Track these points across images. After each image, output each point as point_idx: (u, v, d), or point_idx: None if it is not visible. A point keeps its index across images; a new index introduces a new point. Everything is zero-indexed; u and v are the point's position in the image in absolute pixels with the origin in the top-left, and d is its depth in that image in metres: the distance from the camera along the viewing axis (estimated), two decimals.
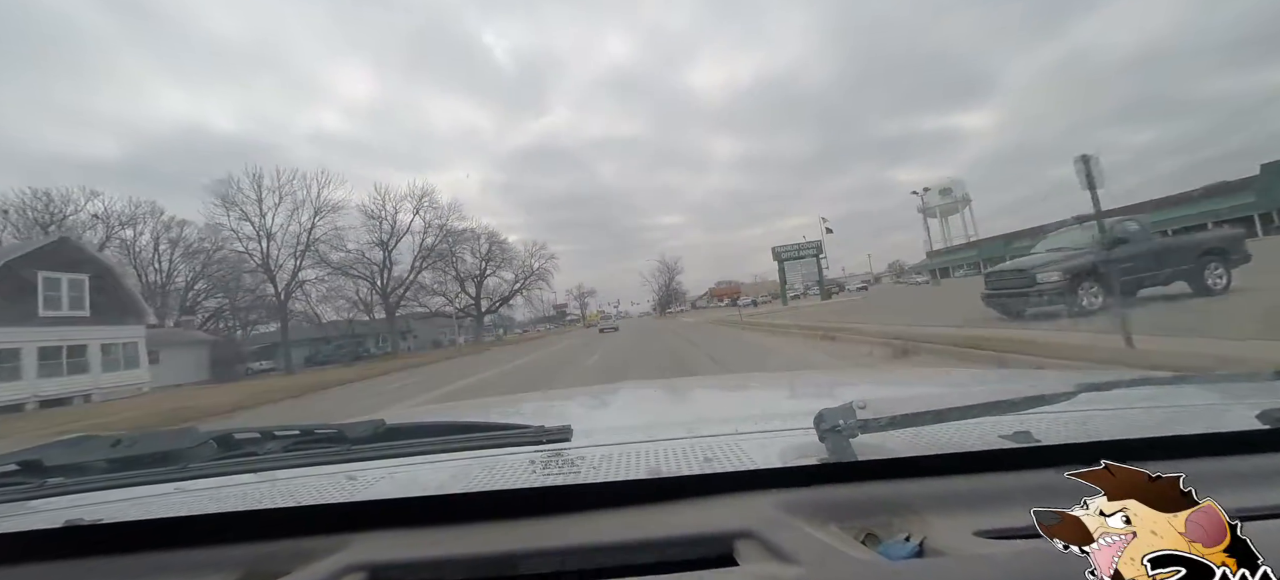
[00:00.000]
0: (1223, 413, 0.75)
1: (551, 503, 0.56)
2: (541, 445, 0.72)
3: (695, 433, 0.78)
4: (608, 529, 0.52)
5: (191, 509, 0.61)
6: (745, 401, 1.46)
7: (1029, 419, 0.65)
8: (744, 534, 0.49)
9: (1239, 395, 0.78)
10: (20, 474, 0.71)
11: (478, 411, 1.55)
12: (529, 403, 1.72)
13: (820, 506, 0.52)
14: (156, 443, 0.75)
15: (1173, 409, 0.75)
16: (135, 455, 0.73)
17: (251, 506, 0.60)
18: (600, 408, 1.51)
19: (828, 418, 0.60)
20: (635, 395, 1.72)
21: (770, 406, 1.29)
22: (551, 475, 0.62)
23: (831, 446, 0.59)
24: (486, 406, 1.82)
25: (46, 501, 0.67)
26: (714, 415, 1.26)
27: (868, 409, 0.60)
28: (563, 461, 0.67)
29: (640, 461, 0.65)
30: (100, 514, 0.60)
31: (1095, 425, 0.67)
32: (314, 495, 0.63)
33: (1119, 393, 0.80)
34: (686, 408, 1.44)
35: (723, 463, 0.61)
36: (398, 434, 0.77)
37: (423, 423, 0.85)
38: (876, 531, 0.49)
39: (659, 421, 1.09)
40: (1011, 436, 0.59)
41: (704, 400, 1.57)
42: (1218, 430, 0.60)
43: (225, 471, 0.71)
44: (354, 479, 0.68)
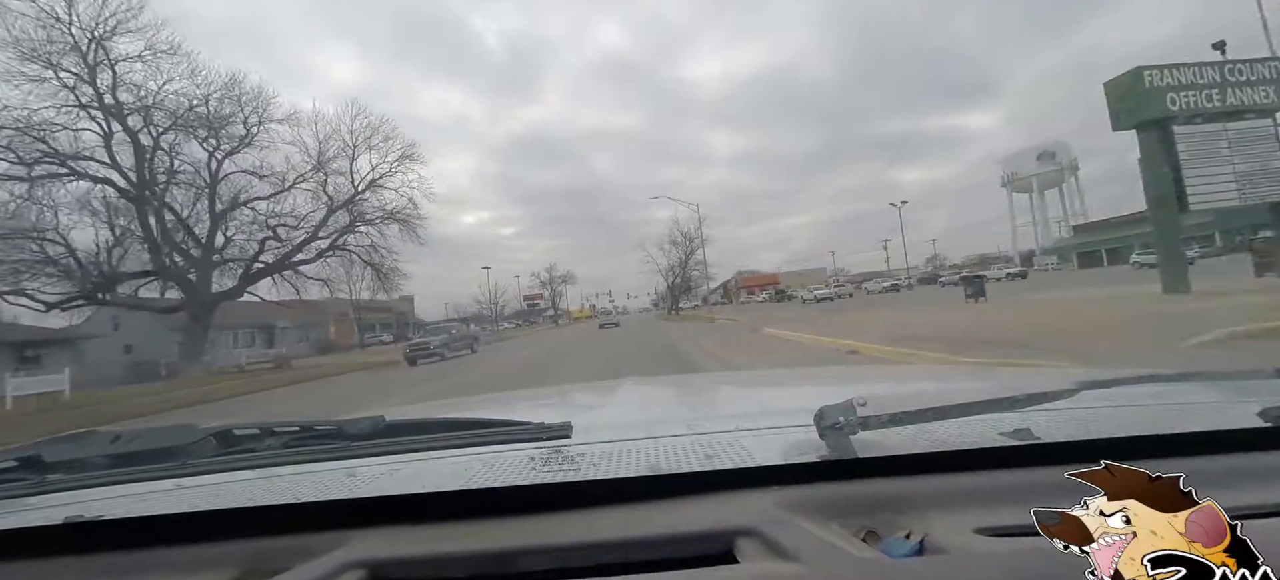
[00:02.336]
0: (1224, 410, 0.75)
1: (552, 500, 0.56)
2: (542, 442, 0.72)
3: (696, 429, 0.78)
4: (608, 526, 0.52)
5: (191, 505, 0.61)
6: (746, 398, 1.46)
7: (1030, 416, 0.65)
8: (745, 531, 0.49)
9: (1240, 393, 0.78)
10: (19, 470, 0.71)
11: (478, 407, 1.55)
12: (529, 399, 1.73)
13: (821, 504, 0.52)
14: (156, 439, 0.75)
15: (1174, 407, 0.75)
16: (135, 451, 0.73)
17: (251, 503, 0.60)
18: (601, 404, 1.51)
19: (828, 415, 0.60)
20: (636, 392, 1.72)
21: (771, 403, 1.29)
22: (552, 472, 0.62)
23: (832, 444, 0.59)
24: (486, 402, 1.82)
25: (46, 498, 0.67)
26: (715, 412, 1.26)
27: (868, 406, 0.60)
28: (563, 458, 0.67)
29: (641, 458, 0.65)
30: (100, 510, 0.60)
31: (1097, 423, 0.67)
32: (313, 492, 0.63)
33: (1120, 390, 0.80)
34: (687, 404, 1.44)
35: (723, 460, 0.61)
36: (397, 431, 0.77)
37: (422, 419, 0.85)
38: (877, 529, 0.49)
39: (660, 418, 1.09)
40: (1012, 434, 0.59)
41: (705, 397, 1.57)
42: (1219, 428, 0.60)
43: (224, 468, 0.71)
44: (353, 476, 0.68)
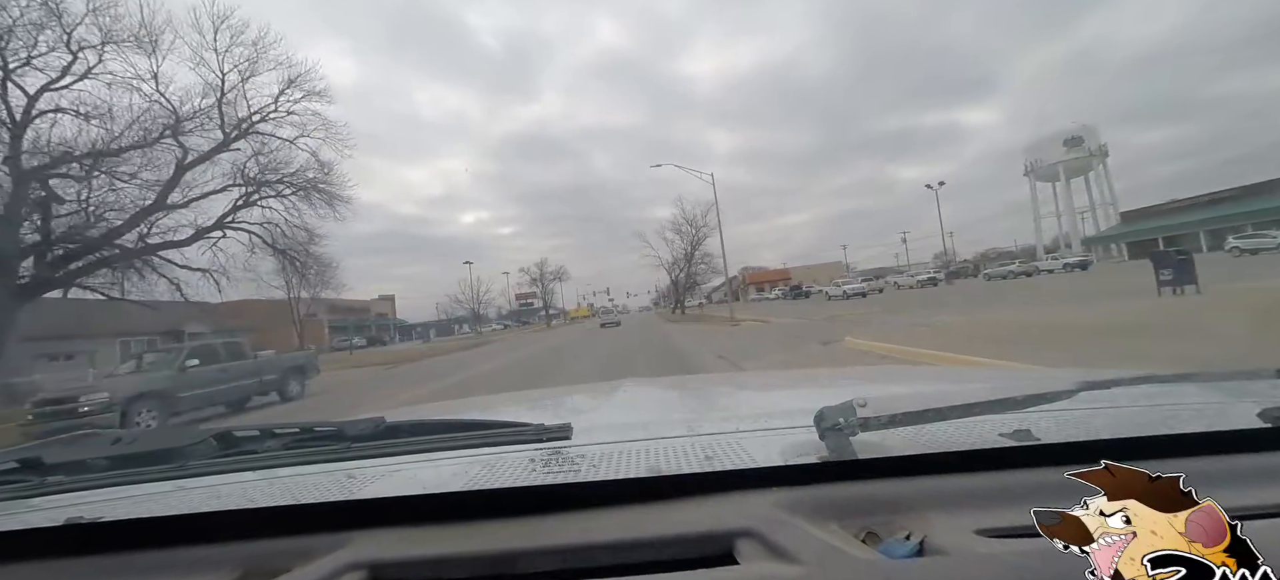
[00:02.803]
0: (1224, 411, 0.75)
1: (552, 501, 0.56)
2: (542, 443, 0.72)
3: (696, 431, 0.78)
4: (608, 527, 0.52)
5: (192, 507, 0.62)
6: (746, 399, 1.46)
7: (1030, 417, 0.65)
8: (744, 533, 0.49)
9: (1240, 393, 0.78)
10: (20, 472, 0.71)
11: (478, 409, 1.55)
12: (529, 400, 1.72)
13: (821, 505, 0.52)
14: (156, 440, 0.75)
15: (1174, 407, 0.75)
16: (135, 453, 0.73)
17: (251, 504, 0.60)
18: (601, 405, 1.51)
19: (828, 416, 0.60)
20: (636, 393, 1.72)
21: (771, 404, 1.29)
22: (552, 473, 0.62)
23: (832, 445, 0.59)
24: (487, 404, 1.82)
25: (47, 500, 0.67)
26: (714, 413, 1.26)
27: (868, 407, 0.60)
28: (563, 459, 0.67)
29: (641, 460, 0.64)
30: (101, 512, 0.60)
31: (1096, 424, 0.67)
32: (314, 493, 0.63)
33: (1120, 391, 0.80)
34: (687, 406, 1.44)
35: (723, 461, 0.61)
36: (397, 432, 0.77)
37: (422, 421, 0.85)
38: (877, 530, 0.49)
39: (659, 419, 1.09)
40: (1012, 435, 0.59)
41: (705, 398, 1.56)
42: (1219, 428, 0.60)
43: (225, 469, 0.71)
44: (353, 477, 0.68)
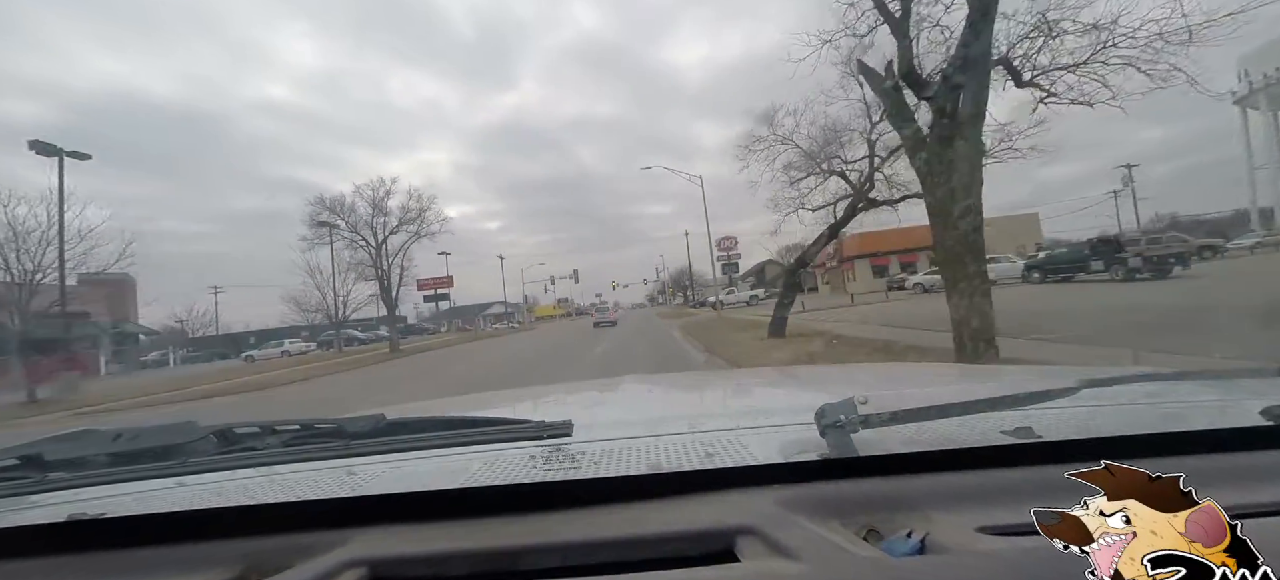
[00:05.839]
0: (1225, 409, 0.75)
1: (553, 498, 0.56)
2: (542, 440, 0.72)
3: (697, 428, 0.78)
4: (609, 524, 0.52)
5: (192, 504, 0.62)
6: (747, 397, 1.46)
7: (1031, 415, 0.65)
8: (745, 530, 0.49)
9: (1242, 391, 0.77)
10: (21, 468, 0.71)
11: (478, 406, 1.55)
12: (530, 397, 1.72)
13: (822, 502, 0.52)
14: (157, 437, 0.75)
15: (1175, 405, 0.75)
16: (136, 450, 0.73)
17: (252, 501, 0.60)
18: (602, 402, 1.51)
19: (829, 413, 0.60)
20: (637, 390, 1.72)
21: (772, 402, 1.29)
22: (552, 470, 0.62)
23: (833, 442, 0.59)
24: (487, 401, 1.82)
25: (48, 496, 0.67)
26: (716, 410, 1.26)
27: (869, 404, 0.60)
28: (564, 456, 0.67)
29: (641, 457, 0.65)
30: (102, 508, 0.60)
31: (1097, 421, 0.67)
32: (314, 490, 0.63)
33: (1121, 389, 0.80)
34: (688, 403, 1.44)
35: (724, 458, 0.61)
36: (398, 429, 0.77)
37: (423, 418, 0.85)
38: (878, 528, 0.49)
39: (660, 416, 1.09)
40: (1013, 433, 0.59)
41: (706, 395, 1.57)
42: (1219, 428, 0.60)
43: (226, 466, 0.71)
44: (354, 474, 0.68)
